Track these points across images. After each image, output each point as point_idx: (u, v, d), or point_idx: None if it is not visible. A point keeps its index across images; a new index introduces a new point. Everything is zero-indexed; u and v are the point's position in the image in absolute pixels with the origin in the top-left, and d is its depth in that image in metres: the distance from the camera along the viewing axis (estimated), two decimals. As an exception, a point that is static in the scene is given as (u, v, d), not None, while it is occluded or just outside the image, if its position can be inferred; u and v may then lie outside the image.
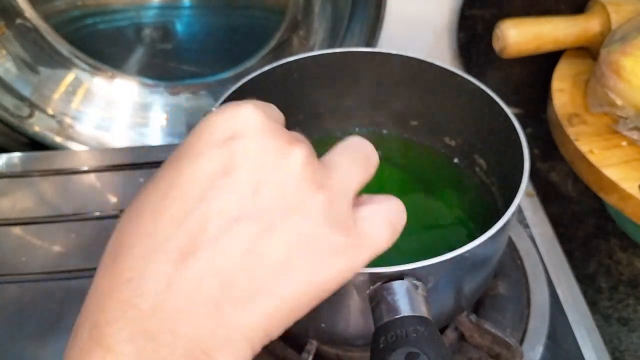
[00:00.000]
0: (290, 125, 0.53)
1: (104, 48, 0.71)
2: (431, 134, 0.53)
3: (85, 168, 0.62)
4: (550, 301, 0.47)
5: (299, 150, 0.23)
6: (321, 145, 0.54)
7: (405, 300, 0.29)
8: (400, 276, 0.30)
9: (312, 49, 0.71)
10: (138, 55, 0.73)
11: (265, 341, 0.22)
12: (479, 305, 0.46)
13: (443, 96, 0.48)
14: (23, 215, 0.56)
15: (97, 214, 0.56)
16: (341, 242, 0.22)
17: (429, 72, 0.47)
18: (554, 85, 0.63)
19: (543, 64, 0.66)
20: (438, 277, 0.32)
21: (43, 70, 0.70)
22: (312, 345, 0.40)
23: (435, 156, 0.52)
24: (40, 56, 0.69)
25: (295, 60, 0.47)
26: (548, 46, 0.63)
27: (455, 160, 0.51)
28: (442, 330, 0.44)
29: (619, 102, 0.55)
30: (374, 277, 0.30)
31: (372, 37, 0.65)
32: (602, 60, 0.56)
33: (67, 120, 0.71)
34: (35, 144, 0.70)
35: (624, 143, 0.54)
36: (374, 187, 0.48)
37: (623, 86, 0.54)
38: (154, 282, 0.19)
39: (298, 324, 0.38)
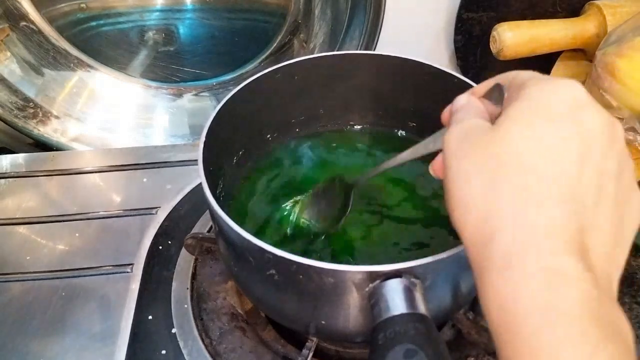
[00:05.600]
0: (291, 126, 0.54)
1: (108, 50, 0.72)
2: (429, 134, 0.53)
3: (89, 168, 0.63)
4: (546, 299, 0.47)
5: None
6: (321, 146, 0.55)
7: (404, 297, 0.29)
8: (398, 274, 0.30)
9: (312, 52, 0.72)
10: (141, 58, 0.73)
11: None
12: (476, 303, 0.46)
13: (441, 98, 0.48)
14: (28, 214, 0.57)
15: (101, 213, 0.57)
16: None
17: (426, 74, 0.47)
18: (550, 87, 0.64)
19: (539, 66, 0.67)
20: (436, 275, 0.32)
21: (47, 72, 0.71)
22: (312, 342, 0.41)
23: (433, 156, 0.52)
24: (44, 58, 0.70)
25: (295, 62, 0.48)
26: (544, 48, 0.63)
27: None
28: (440, 327, 0.45)
29: (614, 103, 0.55)
30: (373, 275, 0.31)
31: (371, 40, 0.66)
32: (598, 62, 0.57)
33: (71, 121, 0.72)
34: (40, 145, 0.71)
35: (619, 144, 0.54)
36: (375, 187, 0.49)
37: (618, 87, 0.55)
38: None
39: (298, 321, 0.39)
